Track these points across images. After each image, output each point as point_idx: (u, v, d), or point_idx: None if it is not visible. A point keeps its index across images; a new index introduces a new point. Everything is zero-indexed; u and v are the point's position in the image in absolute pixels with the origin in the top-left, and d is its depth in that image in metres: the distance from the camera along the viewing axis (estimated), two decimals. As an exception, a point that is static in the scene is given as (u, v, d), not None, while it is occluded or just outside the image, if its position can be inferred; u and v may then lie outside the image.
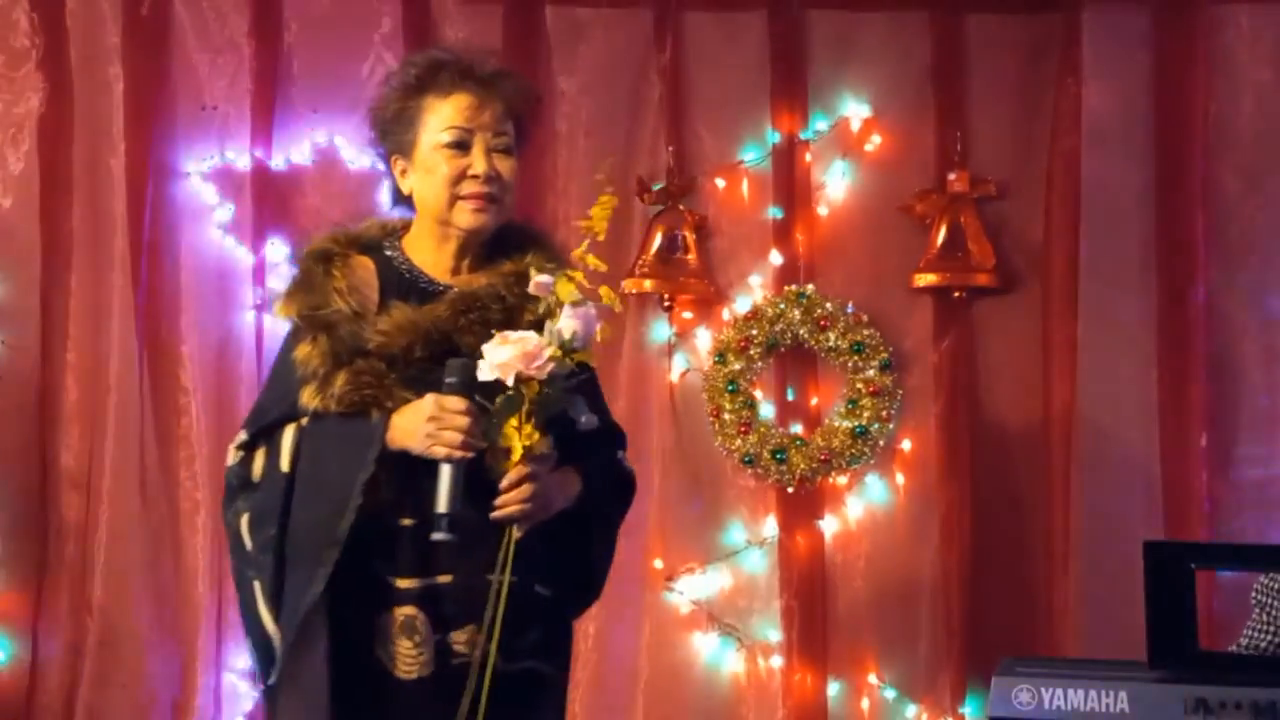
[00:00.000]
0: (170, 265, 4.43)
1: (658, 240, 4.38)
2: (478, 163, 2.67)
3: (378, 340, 2.60)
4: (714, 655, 4.38)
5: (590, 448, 2.72)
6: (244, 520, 2.66)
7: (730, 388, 4.35)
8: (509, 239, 2.75)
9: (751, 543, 4.40)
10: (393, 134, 2.75)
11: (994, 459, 4.39)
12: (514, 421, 2.52)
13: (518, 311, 2.64)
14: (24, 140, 4.40)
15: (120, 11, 4.39)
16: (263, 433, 2.68)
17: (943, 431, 4.38)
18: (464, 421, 2.52)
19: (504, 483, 2.54)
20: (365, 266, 2.73)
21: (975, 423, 4.38)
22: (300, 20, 4.45)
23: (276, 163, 4.43)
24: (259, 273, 4.40)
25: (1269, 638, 3.39)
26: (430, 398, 2.55)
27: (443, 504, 2.51)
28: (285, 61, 4.44)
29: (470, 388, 2.54)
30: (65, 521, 4.38)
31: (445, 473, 2.51)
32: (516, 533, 2.55)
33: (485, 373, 2.50)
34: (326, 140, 4.44)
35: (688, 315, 4.44)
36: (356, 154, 4.43)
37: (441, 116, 2.69)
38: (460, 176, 2.67)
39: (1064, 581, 4.28)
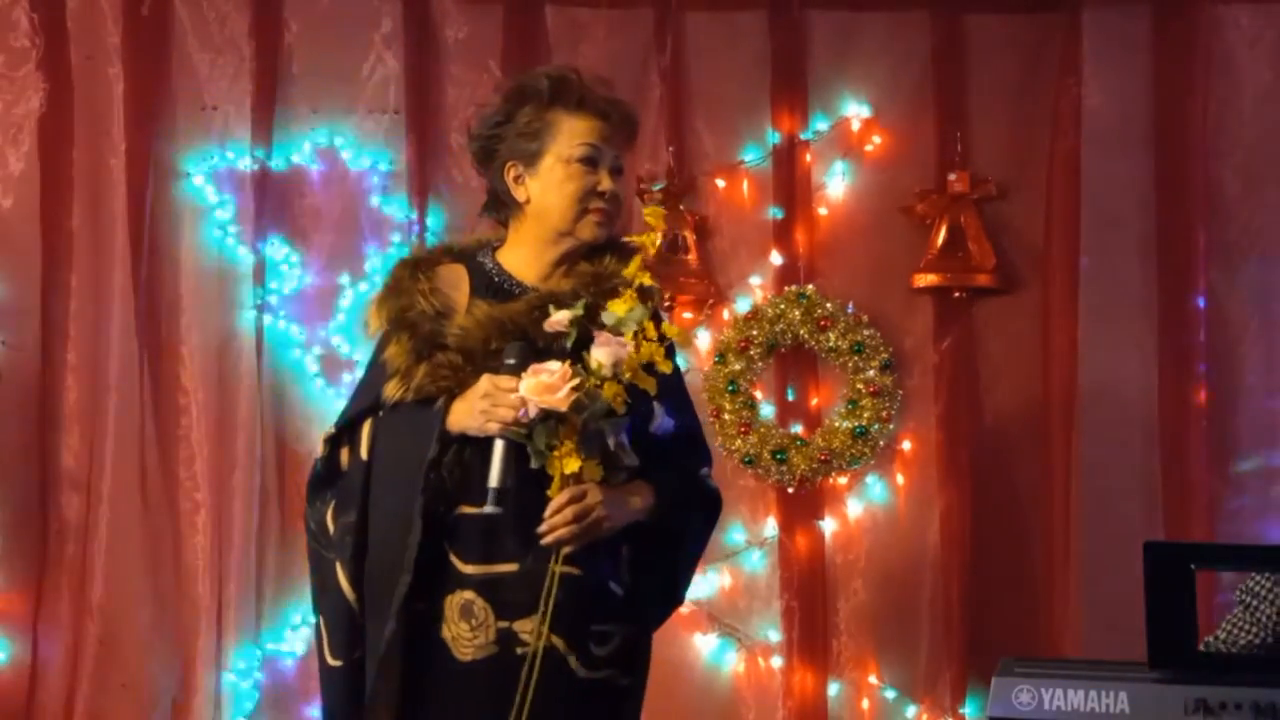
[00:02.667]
0: (170, 265, 4.43)
1: (657, 240, 4.37)
2: (605, 180, 2.78)
3: (456, 335, 2.71)
4: (714, 655, 4.38)
5: (666, 455, 2.76)
6: (330, 507, 2.77)
7: (730, 388, 4.35)
8: (606, 249, 2.84)
9: (751, 543, 4.40)
10: (515, 142, 2.80)
11: (994, 459, 4.39)
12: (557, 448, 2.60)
13: (594, 310, 2.71)
14: (24, 140, 4.40)
15: (120, 11, 4.39)
16: (348, 427, 2.79)
17: (943, 431, 4.38)
18: (516, 400, 2.60)
19: (547, 510, 2.61)
20: (455, 271, 2.83)
21: (975, 423, 4.39)
22: (300, 20, 4.45)
23: (276, 163, 4.43)
24: (259, 273, 4.40)
25: (1249, 637, 3.39)
26: (485, 378, 2.64)
27: (494, 479, 2.59)
28: (285, 61, 4.45)
29: (521, 368, 2.62)
30: (65, 521, 4.38)
31: (498, 449, 2.60)
32: (566, 550, 2.63)
33: (530, 410, 2.58)
34: (326, 140, 4.44)
35: (688, 315, 4.44)
36: (356, 154, 4.43)
37: (574, 132, 2.77)
38: (590, 192, 2.77)
39: (1064, 581, 4.28)
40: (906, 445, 4.41)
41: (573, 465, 2.60)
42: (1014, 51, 4.44)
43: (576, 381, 2.58)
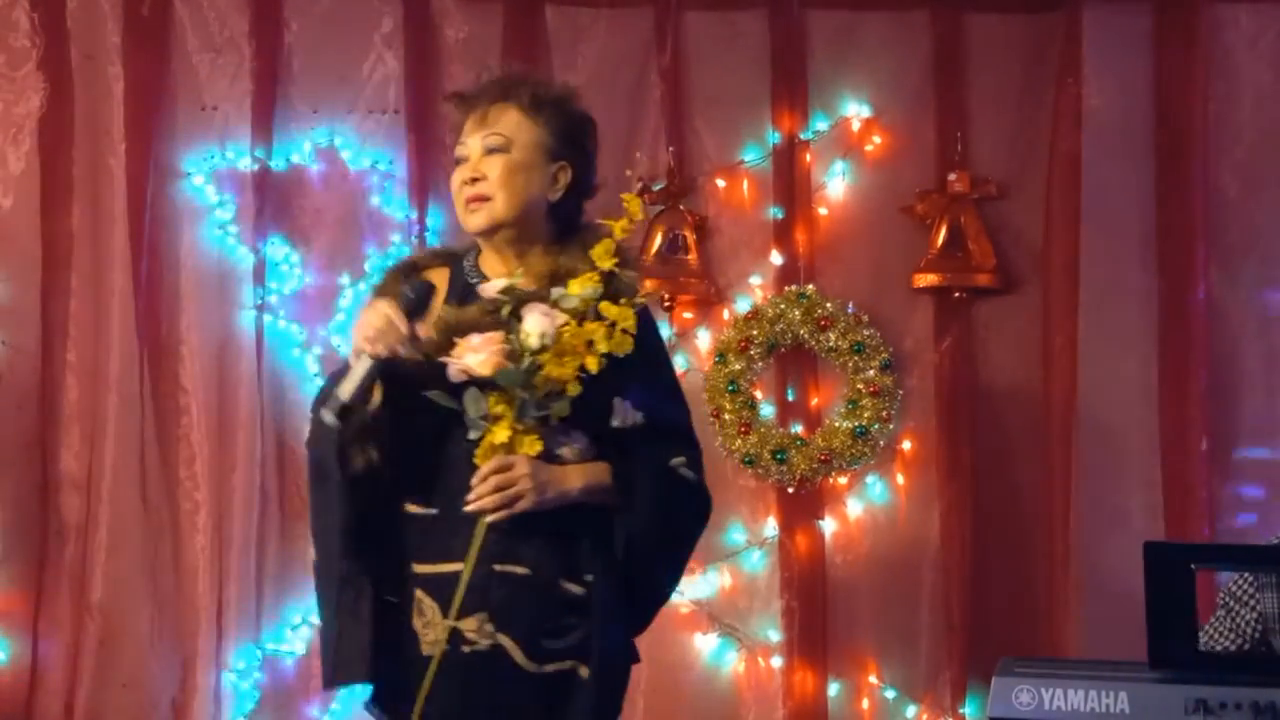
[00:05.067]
0: (170, 265, 4.43)
1: (658, 240, 4.38)
2: (466, 170, 2.77)
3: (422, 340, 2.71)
4: (714, 655, 4.38)
5: (634, 447, 2.73)
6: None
7: (730, 388, 4.35)
8: (579, 241, 2.78)
9: (751, 543, 4.40)
10: None
11: (994, 459, 4.39)
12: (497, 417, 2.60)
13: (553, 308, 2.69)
14: (24, 140, 4.40)
15: (120, 11, 4.39)
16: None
17: (943, 431, 4.38)
18: (385, 323, 2.62)
19: (474, 478, 2.64)
20: (440, 274, 2.83)
21: (975, 423, 4.38)
22: (300, 20, 4.45)
23: (276, 163, 4.42)
24: (259, 273, 4.40)
25: (1226, 642, 3.39)
26: (380, 302, 2.67)
27: (345, 393, 2.59)
28: (285, 61, 4.45)
29: (416, 304, 2.65)
30: (65, 522, 4.37)
31: (362, 365, 2.60)
32: (489, 519, 2.63)
33: (452, 374, 2.61)
34: (326, 140, 4.44)
35: (688, 315, 4.44)
36: (356, 154, 4.43)
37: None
38: (459, 186, 2.78)
39: (1064, 581, 4.28)
40: (906, 445, 4.41)
41: (501, 435, 2.60)
42: (1014, 51, 4.44)
43: (498, 347, 2.58)
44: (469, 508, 2.63)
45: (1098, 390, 4.30)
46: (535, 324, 2.61)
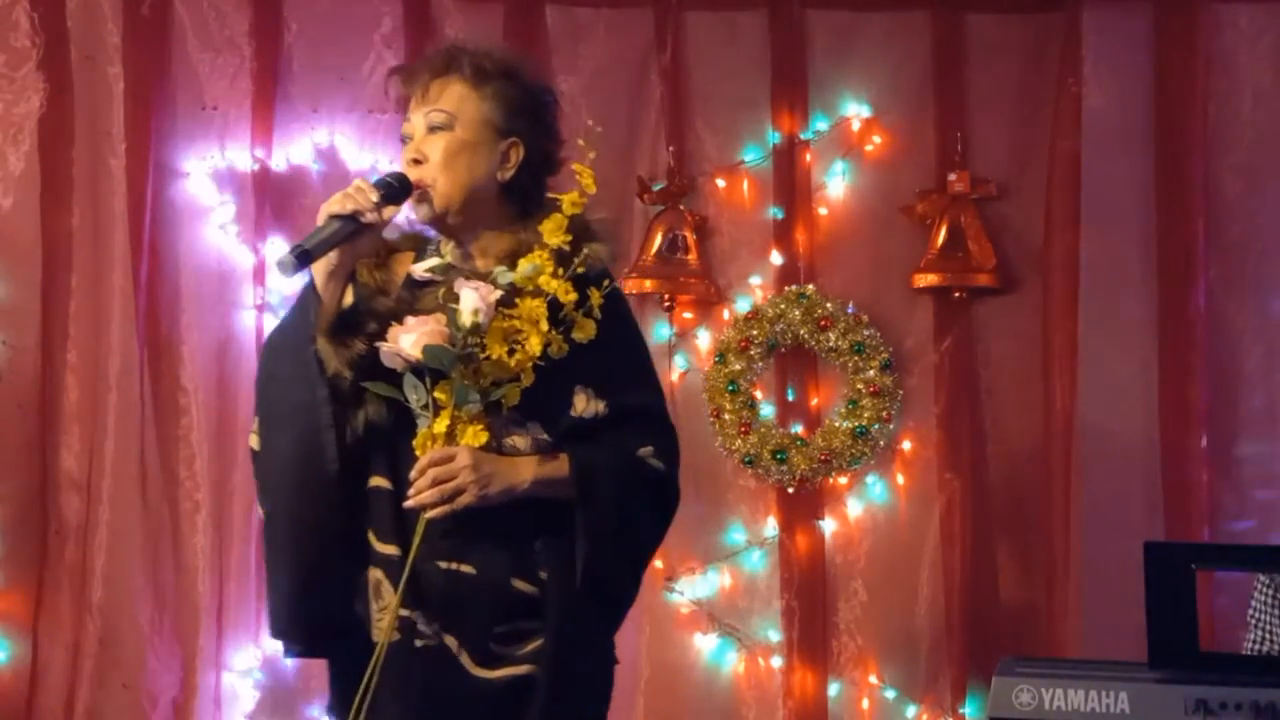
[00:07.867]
0: (170, 265, 4.43)
1: (658, 240, 4.38)
2: (408, 148, 2.60)
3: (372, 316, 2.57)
4: (714, 655, 4.38)
5: (593, 434, 2.54)
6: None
7: (730, 388, 4.35)
8: (540, 218, 2.57)
9: (751, 543, 4.40)
10: None
11: (994, 459, 4.39)
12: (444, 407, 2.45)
13: (511, 288, 2.51)
14: (24, 140, 4.39)
15: (120, 11, 4.39)
16: None
17: (943, 431, 4.38)
18: (354, 188, 2.51)
19: (412, 471, 2.48)
20: (404, 258, 2.68)
21: (975, 423, 4.39)
22: (300, 20, 4.45)
23: (276, 163, 4.43)
24: (259, 273, 4.40)
25: (1259, 649, 3.39)
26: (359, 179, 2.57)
27: (307, 238, 2.47)
28: (285, 61, 4.45)
29: (392, 190, 2.53)
30: (65, 521, 4.37)
31: (334, 224, 2.49)
32: (428, 515, 2.47)
33: (384, 357, 2.47)
34: (326, 140, 4.44)
35: (688, 315, 4.44)
36: (357, 153, 4.43)
37: None
38: (406, 167, 2.61)
39: (1064, 581, 4.28)
40: (906, 445, 4.41)
41: (441, 424, 2.44)
42: (1014, 51, 4.44)
43: (431, 328, 2.42)
44: (407, 503, 2.46)
45: (1098, 390, 4.30)
46: (468, 301, 2.41)
